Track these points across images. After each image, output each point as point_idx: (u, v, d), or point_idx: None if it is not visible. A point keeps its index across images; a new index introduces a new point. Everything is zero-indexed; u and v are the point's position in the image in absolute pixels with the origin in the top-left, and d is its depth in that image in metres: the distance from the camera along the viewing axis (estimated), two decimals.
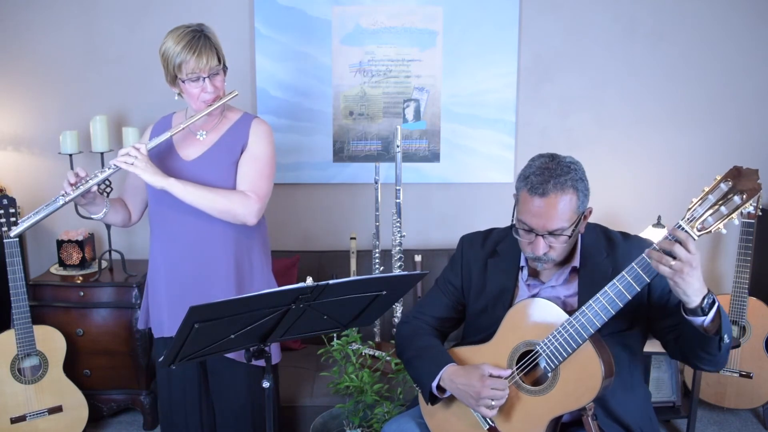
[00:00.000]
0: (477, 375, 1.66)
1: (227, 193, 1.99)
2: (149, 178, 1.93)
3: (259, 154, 2.06)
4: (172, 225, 2.05)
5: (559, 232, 1.61)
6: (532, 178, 1.61)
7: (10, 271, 2.56)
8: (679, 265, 1.40)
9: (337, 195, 3.25)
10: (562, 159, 1.65)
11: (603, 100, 3.20)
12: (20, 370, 2.64)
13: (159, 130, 2.12)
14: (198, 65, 1.94)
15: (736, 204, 1.40)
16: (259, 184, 2.03)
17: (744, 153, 3.20)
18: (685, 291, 1.43)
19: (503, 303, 1.77)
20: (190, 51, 1.93)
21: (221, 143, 2.06)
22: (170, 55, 1.95)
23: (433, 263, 3.02)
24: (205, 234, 2.03)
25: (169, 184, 1.93)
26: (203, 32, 1.98)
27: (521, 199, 1.65)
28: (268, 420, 1.73)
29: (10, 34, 3.07)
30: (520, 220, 1.65)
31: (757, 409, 3.10)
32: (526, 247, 1.67)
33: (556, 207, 1.59)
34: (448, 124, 3.18)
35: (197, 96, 1.99)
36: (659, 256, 1.42)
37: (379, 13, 3.07)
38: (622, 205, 3.24)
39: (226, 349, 1.63)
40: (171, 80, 2.02)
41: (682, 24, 3.13)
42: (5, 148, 3.15)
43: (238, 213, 1.98)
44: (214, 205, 1.96)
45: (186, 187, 1.94)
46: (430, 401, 1.78)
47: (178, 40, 1.94)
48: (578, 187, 1.61)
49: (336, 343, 2.46)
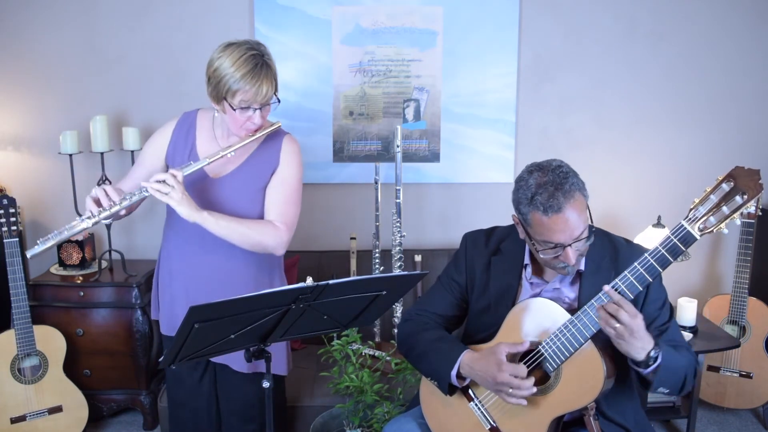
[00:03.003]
0: (494, 362, 1.64)
1: (257, 227, 1.93)
2: (184, 211, 1.82)
3: (288, 178, 2.01)
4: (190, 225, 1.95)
5: (583, 235, 1.61)
6: (538, 198, 1.58)
7: (10, 271, 2.56)
8: (621, 329, 1.49)
9: (337, 195, 3.25)
10: (549, 167, 1.63)
11: (603, 100, 3.20)
12: (20, 370, 2.64)
13: (182, 130, 2.03)
14: (255, 97, 1.83)
15: (737, 204, 1.41)
16: (287, 212, 1.99)
17: (744, 153, 3.20)
18: (627, 351, 1.53)
19: (506, 301, 1.77)
20: (251, 81, 1.81)
21: (251, 164, 1.99)
22: (224, 76, 1.81)
23: (433, 263, 3.02)
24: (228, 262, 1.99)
25: (203, 219, 1.84)
26: (264, 59, 1.85)
27: (536, 221, 1.60)
28: (268, 420, 1.73)
29: (10, 34, 3.07)
30: (543, 241, 1.62)
31: (757, 409, 3.10)
32: (554, 261, 1.64)
33: (576, 215, 1.58)
34: (448, 124, 3.18)
35: (241, 123, 1.88)
36: (606, 317, 1.51)
37: (379, 13, 3.07)
38: (622, 205, 3.24)
39: (226, 349, 1.63)
40: (216, 99, 1.88)
41: (682, 24, 3.13)
42: (5, 148, 3.15)
43: (269, 245, 1.94)
44: (245, 239, 1.91)
45: (219, 222, 1.87)
46: (448, 392, 1.75)
47: (239, 65, 1.80)
48: (579, 185, 1.61)
49: (336, 343, 2.45)
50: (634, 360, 1.54)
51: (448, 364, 1.72)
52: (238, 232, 1.89)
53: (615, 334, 1.50)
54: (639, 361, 1.53)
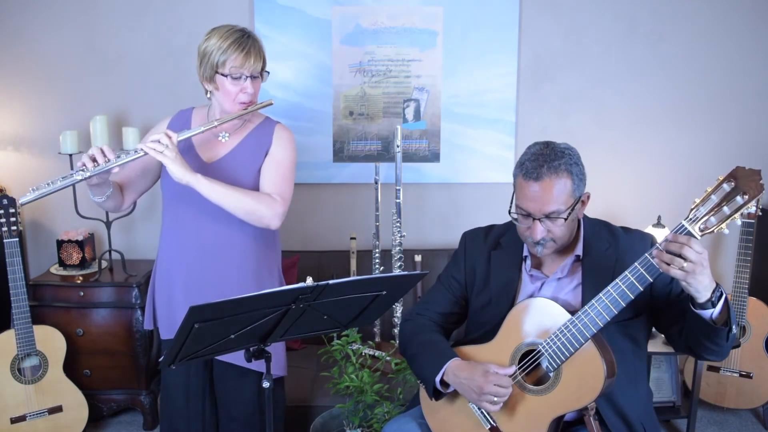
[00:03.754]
0: (481, 370, 1.66)
1: (254, 194, 1.95)
2: (177, 170, 1.83)
3: (282, 160, 2.03)
4: (189, 226, 2.00)
5: (555, 215, 1.63)
6: (527, 164, 1.65)
7: (10, 271, 2.56)
8: (691, 266, 1.42)
9: (337, 195, 3.25)
10: (556, 145, 1.68)
11: (603, 100, 3.20)
12: (20, 370, 2.64)
13: (177, 124, 2.06)
14: (245, 62, 1.91)
15: (738, 204, 1.41)
16: (283, 187, 2.01)
17: (744, 153, 3.20)
18: (697, 289, 1.46)
19: (507, 295, 1.78)
20: (238, 48, 1.90)
21: (244, 147, 2.03)
22: (213, 50, 1.91)
23: (433, 263, 3.02)
24: (226, 241, 2.00)
25: (196, 180, 1.85)
26: (251, 34, 1.96)
27: (517, 184, 1.68)
28: (268, 420, 1.73)
29: (10, 34, 3.07)
30: (517, 205, 1.68)
31: (757, 409, 3.10)
32: (525, 232, 1.69)
33: (551, 190, 1.61)
34: (448, 124, 3.18)
35: (234, 95, 1.94)
36: (671, 258, 1.44)
37: (379, 13, 3.07)
38: (622, 205, 3.24)
39: (226, 349, 1.63)
40: (208, 77, 1.95)
41: (682, 24, 3.13)
42: (5, 148, 3.15)
43: (264, 214, 1.94)
44: (241, 204, 1.90)
45: (213, 185, 1.87)
46: (433, 396, 1.77)
47: (226, 37, 1.91)
48: (572, 171, 1.63)
49: (336, 343, 2.45)
50: (702, 303, 1.47)
51: (434, 370, 1.74)
52: (234, 198, 1.90)
53: (684, 275, 1.43)
54: (705, 301, 1.47)
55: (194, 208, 1.97)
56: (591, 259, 1.72)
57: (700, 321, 1.51)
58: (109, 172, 1.85)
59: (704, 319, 1.50)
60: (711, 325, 1.50)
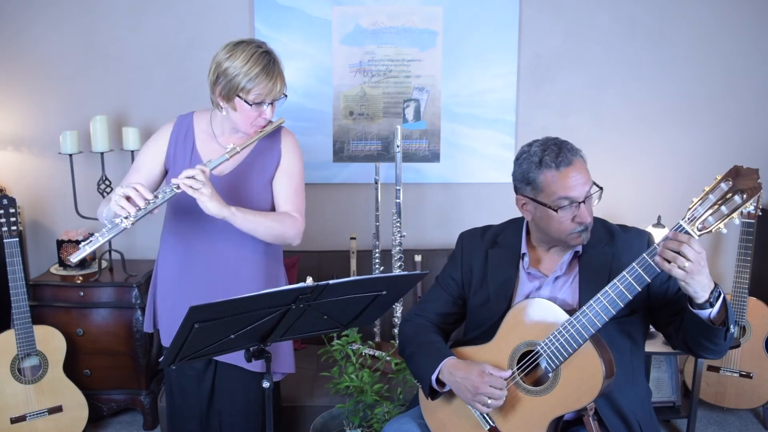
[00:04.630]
0: (477, 370, 1.66)
1: (280, 218, 1.96)
2: (213, 207, 1.79)
3: (293, 171, 2.03)
4: (198, 241, 1.98)
5: (592, 191, 1.68)
6: (547, 158, 1.65)
7: (10, 271, 2.56)
8: (690, 266, 1.42)
9: (337, 195, 3.25)
10: (546, 138, 1.72)
11: (603, 100, 3.20)
12: (20, 370, 2.64)
13: (181, 131, 2.03)
14: (271, 92, 1.87)
15: (736, 203, 1.40)
16: (298, 202, 2.03)
17: (744, 153, 3.20)
18: (695, 289, 1.46)
19: (504, 294, 1.78)
20: (266, 78, 1.84)
21: (254, 159, 2.00)
22: (237, 75, 1.83)
23: (433, 263, 3.02)
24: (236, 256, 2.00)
25: (231, 214, 1.83)
26: (273, 56, 1.89)
27: (548, 181, 1.65)
28: (268, 420, 1.73)
29: (10, 34, 3.07)
30: (560, 198, 1.65)
31: (757, 409, 3.10)
32: (572, 221, 1.67)
33: (584, 169, 1.68)
34: (448, 124, 3.18)
35: (253, 119, 1.91)
36: (673, 256, 1.43)
37: (379, 13, 3.07)
38: (622, 205, 3.24)
39: (226, 349, 1.63)
40: (225, 97, 1.89)
41: (682, 24, 3.13)
42: (5, 148, 3.15)
43: (289, 235, 1.97)
44: (270, 231, 1.93)
45: (246, 216, 1.87)
46: (430, 395, 1.78)
47: (253, 63, 1.83)
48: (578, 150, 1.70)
49: (336, 343, 2.46)
50: (700, 303, 1.48)
51: (430, 369, 1.74)
52: (264, 225, 1.91)
53: (684, 274, 1.43)
54: (704, 302, 1.47)
55: (203, 222, 1.95)
56: (588, 257, 1.73)
57: (698, 321, 1.51)
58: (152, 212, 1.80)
59: (702, 319, 1.50)
60: (709, 325, 1.50)
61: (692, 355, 1.68)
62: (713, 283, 1.48)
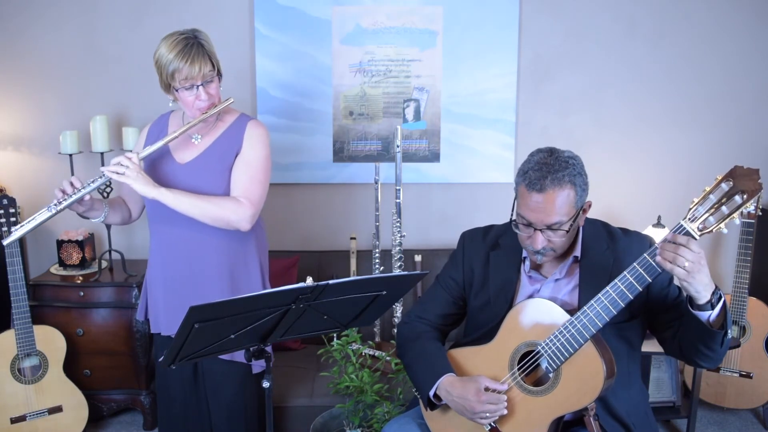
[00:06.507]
0: (473, 389, 1.66)
1: (218, 201, 1.99)
2: (140, 188, 1.94)
3: (252, 160, 2.06)
4: (168, 228, 2.07)
5: (557, 226, 1.62)
6: (530, 173, 1.63)
7: (10, 271, 2.56)
8: (690, 266, 1.42)
9: (337, 195, 3.25)
10: (560, 154, 1.65)
11: (603, 100, 3.20)
12: (20, 370, 2.64)
13: (155, 131, 2.14)
14: (191, 73, 1.93)
15: (736, 204, 1.40)
16: (251, 189, 2.04)
17: (744, 153, 3.20)
18: (696, 289, 1.46)
19: (505, 296, 1.78)
20: (183, 59, 1.92)
21: (215, 148, 2.07)
22: (163, 63, 1.95)
23: (433, 263, 3.02)
24: (199, 240, 2.05)
25: (159, 194, 1.94)
26: (197, 38, 1.96)
27: (520, 193, 1.66)
28: (269, 420, 1.73)
29: (10, 34, 3.07)
30: (519, 214, 1.67)
31: (757, 409, 3.10)
32: (525, 240, 1.68)
33: (554, 202, 1.60)
34: (448, 124, 3.18)
35: (191, 104, 1.99)
36: (673, 257, 1.43)
37: (379, 13, 3.07)
38: (622, 205, 3.24)
39: (226, 349, 1.63)
40: (165, 87, 2.01)
41: (682, 24, 3.13)
42: (5, 148, 3.15)
43: (231, 220, 1.99)
44: (206, 213, 1.97)
45: (177, 197, 1.95)
46: (428, 407, 1.78)
47: (171, 48, 1.93)
48: (576, 182, 1.62)
49: (336, 343, 2.46)
50: (701, 304, 1.48)
51: (427, 384, 1.74)
52: (198, 207, 1.97)
53: (685, 274, 1.43)
54: (705, 303, 1.47)
55: (170, 213, 2.01)
56: (589, 260, 1.72)
57: (697, 323, 1.51)
58: (82, 199, 1.97)
59: (701, 322, 1.50)
60: (707, 328, 1.49)
61: (686, 362, 1.67)
62: (714, 284, 1.48)
